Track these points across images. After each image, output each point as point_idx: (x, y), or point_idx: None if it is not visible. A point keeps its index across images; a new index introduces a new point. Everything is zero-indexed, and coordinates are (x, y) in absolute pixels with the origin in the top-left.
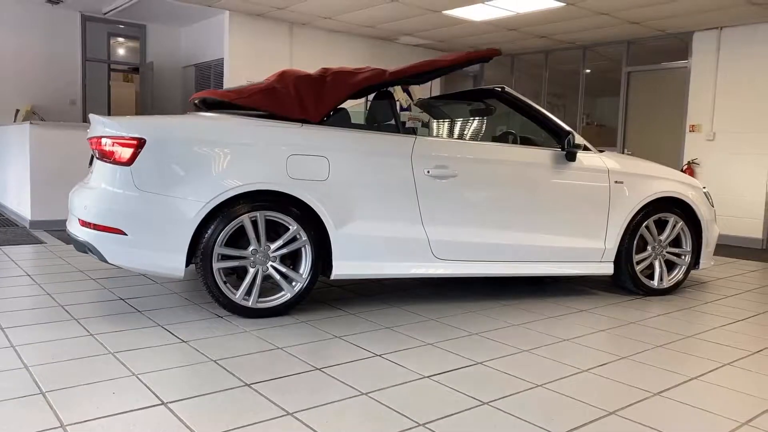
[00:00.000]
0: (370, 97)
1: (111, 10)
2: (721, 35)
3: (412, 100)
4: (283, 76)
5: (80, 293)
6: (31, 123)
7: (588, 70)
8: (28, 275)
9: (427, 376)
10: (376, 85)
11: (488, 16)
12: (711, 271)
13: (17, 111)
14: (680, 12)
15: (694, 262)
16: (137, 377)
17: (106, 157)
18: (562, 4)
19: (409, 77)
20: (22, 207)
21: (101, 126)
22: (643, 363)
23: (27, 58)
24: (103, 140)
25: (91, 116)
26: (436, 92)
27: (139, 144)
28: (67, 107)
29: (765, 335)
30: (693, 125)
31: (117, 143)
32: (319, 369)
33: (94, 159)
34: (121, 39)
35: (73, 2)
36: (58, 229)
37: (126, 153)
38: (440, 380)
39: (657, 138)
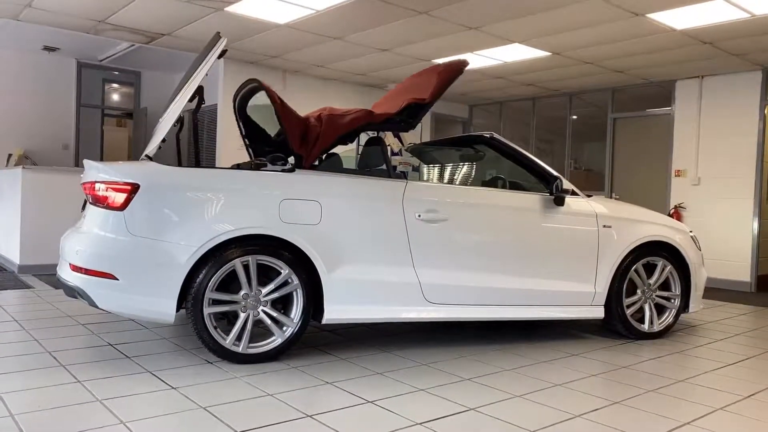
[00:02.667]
0: (362, 141)
1: (106, 58)
2: (702, 83)
3: (403, 145)
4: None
5: (68, 339)
6: (23, 167)
7: (574, 117)
8: (16, 321)
9: (420, 423)
10: (365, 126)
11: (477, 65)
12: (701, 314)
13: (9, 155)
14: (662, 62)
15: (684, 306)
16: (125, 425)
17: (99, 202)
18: (548, 54)
19: (398, 123)
20: (10, 251)
21: (95, 171)
22: (635, 408)
23: (21, 103)
24: (97, 185)
25: (85, 161)
26: (426, 138)
27: (133, 189)
28: (60, 152)
29: (756, 379)
30: (678, 170)
31: (110, 188)
32: (311, 416)
33: (87, 204)
34: (115, 85)
35: (70, 50)
36: (47, 274)
37: (119, 198)
38: (433, 427)
39: (643, 182)
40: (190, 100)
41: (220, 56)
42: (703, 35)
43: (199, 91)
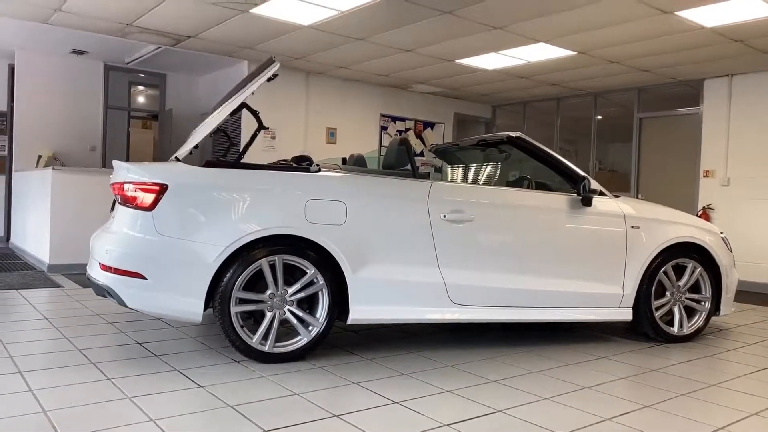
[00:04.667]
0: (385, 142)
1: (133, 60)
2: (732, 82)
3: (425, 146)
4: None
5: (97, 337)
6: (53, 168)
7: (599, 117)
8: (46, 319)
9: (447, 424)
10: None
11: (501, 65)
12: (731, 317)
13: (39, 157)
14: (690, 60)
15: (715, 309)
16: (155, 422)
17: (128, 202)
18: (573, 53)
19: None
20: (40, 251)
21: (125, 171)
22: (667, 412)
23: (51, 106)
24: (126, 185)
25: (115, 162)
26: (448, 138)
27: (162, 189)
28: (87, 153)
29: None
30: (707, 171)
31: (139, 188)
32: (337, 416)
33: (116, 204)
34: (141, 87)
35: (98, 53)
36: (75, 273)
37: (148, 198)
38: (461, 428)
39: (670, 183)
40: (231, 114)
41: (269, 79)
42: (733, 33)
43: (243, 107)
